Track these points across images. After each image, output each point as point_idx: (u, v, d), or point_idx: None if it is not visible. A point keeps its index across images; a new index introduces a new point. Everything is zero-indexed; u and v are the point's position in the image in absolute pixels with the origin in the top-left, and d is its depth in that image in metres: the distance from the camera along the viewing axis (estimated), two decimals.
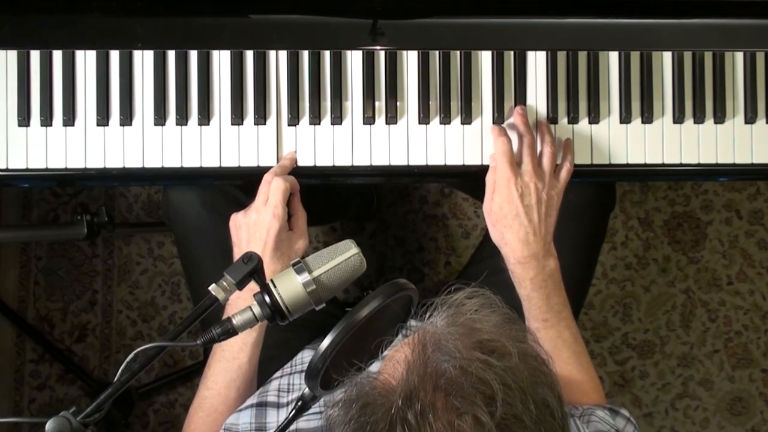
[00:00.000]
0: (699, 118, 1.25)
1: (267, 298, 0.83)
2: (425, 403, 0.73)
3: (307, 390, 0.83)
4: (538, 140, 1.19)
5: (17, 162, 1.19)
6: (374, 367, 1.09)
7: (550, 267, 1.13)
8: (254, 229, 1.13)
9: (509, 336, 0.78)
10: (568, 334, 1.14)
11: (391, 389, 0.76)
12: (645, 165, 1.24)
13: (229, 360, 1.14)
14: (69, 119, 1.19)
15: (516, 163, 1.15)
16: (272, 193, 1.13)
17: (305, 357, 1.19)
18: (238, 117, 1.21)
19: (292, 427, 0.92)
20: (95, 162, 1.20)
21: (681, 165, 1.25)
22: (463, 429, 0.72)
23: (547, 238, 1.14)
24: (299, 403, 0.85)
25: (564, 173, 1.18)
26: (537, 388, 0.75)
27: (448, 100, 1.22)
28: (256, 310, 0.83)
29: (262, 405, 1.08)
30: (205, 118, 1.20)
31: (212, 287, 0.84)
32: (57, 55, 1.20)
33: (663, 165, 1.25)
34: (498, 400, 0.72)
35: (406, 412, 0.73)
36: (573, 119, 1.23)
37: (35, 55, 1.19)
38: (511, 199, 1.13)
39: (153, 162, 1.20)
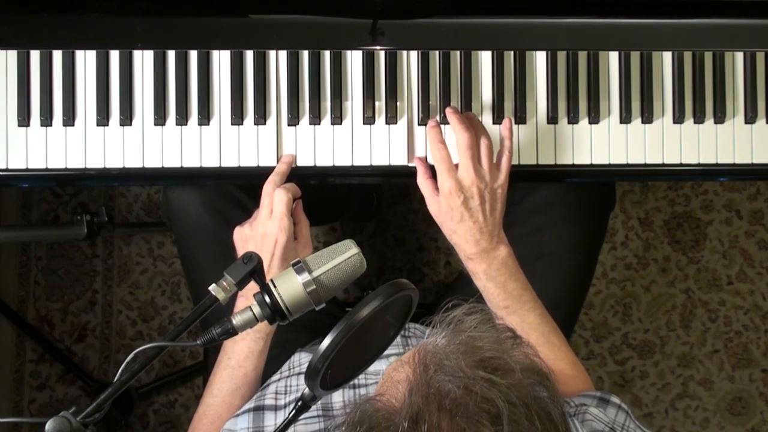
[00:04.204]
0: (699, 118, 1.25)
1: (267, 298, 0.83)
2: (431, 424, 0.72)
3: (307, 390, 0.83)
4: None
5: (17, 162, 1.19)
6: (375, 366, 1.09)
7: (501, 255, 1.14)
8: (261, 242, 1.13)
9: (510, 352, 0.78)
10: (532, 316, 1.14)
11: (394, 411, 0.75)
12: (645, 165, 1.24)
13: (235, 368, 1.14)
14: (69, 119, 1.19)
15: (455, 166, 1.13)
16: (276, 205, 1.13)
17: (302, 359, 1.19)
18: (238, 117, 1.21)
19: (290, 430, 0.92)
20: (95, 162, 1.20)
21: (681, 165, 1.25)
22: None
23: (495, 231, 1.14)
24: (299, 404, 0.85)
25: (504, 162, 1.16)
26: (540, 403, 0.75)
27: (448, 101, 1.22)
28: (256, 310, 0.82)
29: (259, 409, 1.08)
30: (205, 118, 1.20)
31: (212, 287, 0.84)
32: (57, 55, 1.20)
33: (663, 165, 1.25)
34: (504, 418, 0.72)
35: None
36: (573, 119, 1.23)
37: (35, 55, 1.19)
38: (456, 205, 1.12)
39: (153, 162, 1.20)
